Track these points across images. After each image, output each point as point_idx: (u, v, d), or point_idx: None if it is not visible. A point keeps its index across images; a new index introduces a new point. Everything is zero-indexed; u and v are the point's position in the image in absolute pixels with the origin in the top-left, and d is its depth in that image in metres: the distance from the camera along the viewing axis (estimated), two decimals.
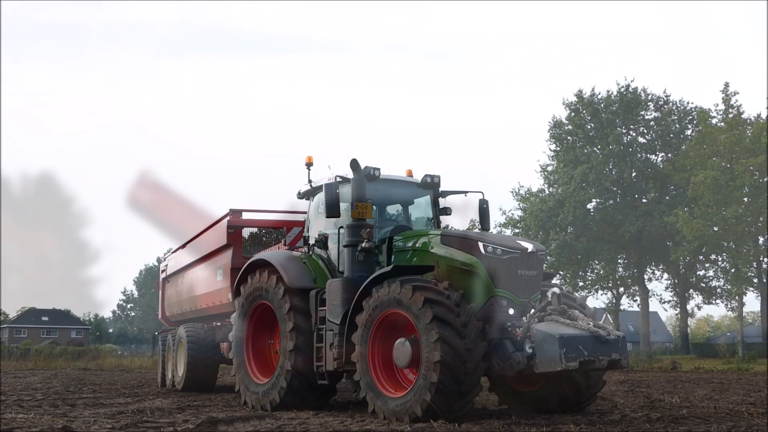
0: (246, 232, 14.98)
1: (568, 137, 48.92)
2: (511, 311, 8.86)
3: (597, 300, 51.93)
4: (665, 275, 50.25)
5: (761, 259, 43.55)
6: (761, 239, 42.41)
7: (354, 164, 9.94)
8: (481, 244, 9.00)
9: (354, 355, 9.23)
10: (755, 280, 43.69)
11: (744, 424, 8.25)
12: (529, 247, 9.23)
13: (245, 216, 14.37)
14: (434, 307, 8.32)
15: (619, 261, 49.85)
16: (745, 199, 40.00)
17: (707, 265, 47.07)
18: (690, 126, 48.01)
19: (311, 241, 11.05)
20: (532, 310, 8.81)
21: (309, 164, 11.07)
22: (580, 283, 48.50)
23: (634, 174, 48.39)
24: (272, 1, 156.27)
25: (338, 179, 10.41)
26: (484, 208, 11.29)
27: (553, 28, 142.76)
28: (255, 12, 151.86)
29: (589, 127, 48.22)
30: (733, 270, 41.58)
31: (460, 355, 8.15)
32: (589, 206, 47.58)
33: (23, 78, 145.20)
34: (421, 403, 8.24)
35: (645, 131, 48.78)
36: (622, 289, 50.86)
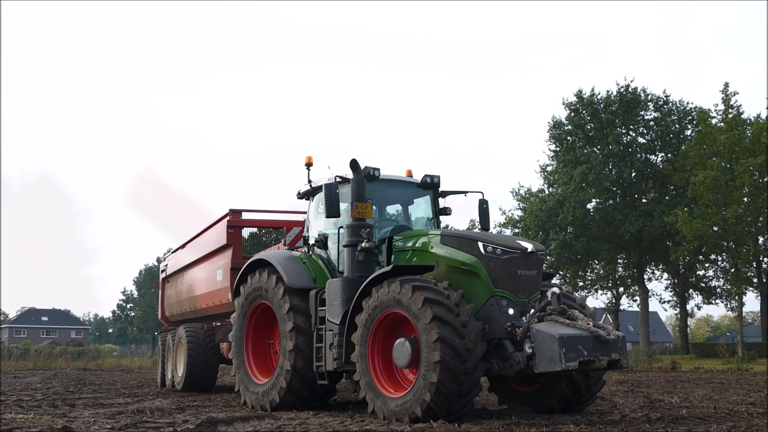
0: (246, 232, 15.03)
1: (568, 137, 48.86)
2: (511, 311, 8.85)
3: (597, 300, 52.01)
4: (665, 275, 50.27)
5: (761, 259, 43.54)
6: (761, 239, 42.39)
7: (354, 164, 9.94)
8: (480, 244, 8.99)
9: (354, 355, 9.23)
10: (755, 280, 43.68)
11: (744, 424, 8.23)
12: (529, 247, 9.21)
13: (245, 216, 14.40)
14: (434, 307, 8.31)
15: (619, 261, 49.80)
16: (745, 199, 39.95)
17: (707, 265, 47.06)
18: (690, 126, 47.97)
19: (311, 241, 11.04)
20: (532, 310, 8.79)
21: (309, 164, 11.06)
22: (580, 283, 48.46)
23: (633, 174, 48.35)
24: (272, 1, 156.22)
25: (338, 179, 10.40)
26: (483, 208, 11.29)
27: (553, 28, 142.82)
28: (255, 12, 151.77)
29: (588, 127, 48.17)
30: (732, 270, 41.54)
31: (459, 355, 8.14)
32: (588, 206, 47.53)
33: (23, 77, 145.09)
34: (420, 403, 8.23)
35: (645, 131, 48.72)
36: (621, 289, 50.82)
